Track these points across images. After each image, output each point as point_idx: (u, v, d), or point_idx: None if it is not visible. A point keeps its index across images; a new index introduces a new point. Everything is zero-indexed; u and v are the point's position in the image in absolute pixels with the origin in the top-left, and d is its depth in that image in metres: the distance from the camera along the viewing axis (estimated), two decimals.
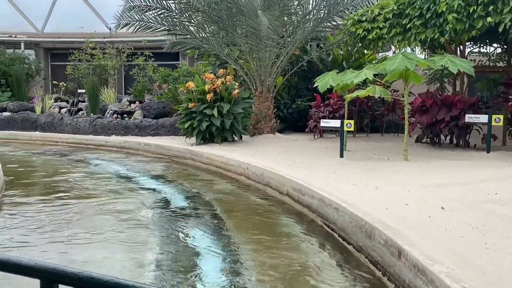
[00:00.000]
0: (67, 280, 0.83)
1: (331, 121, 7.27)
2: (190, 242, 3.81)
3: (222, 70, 10.18)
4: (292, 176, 5.31)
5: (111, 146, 10.66)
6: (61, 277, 0.83)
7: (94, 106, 14.81)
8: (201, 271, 3.21)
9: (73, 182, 6.49)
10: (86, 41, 19.15)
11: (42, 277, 0.84)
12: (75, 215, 4.61)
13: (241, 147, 8.88)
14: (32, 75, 19.73)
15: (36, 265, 0.85)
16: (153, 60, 18.29)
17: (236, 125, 9.46)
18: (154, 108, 13.24)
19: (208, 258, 3.44)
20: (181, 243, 3.79)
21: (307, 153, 7.67)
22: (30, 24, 22.43)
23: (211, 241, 3.83)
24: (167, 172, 7.62)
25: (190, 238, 3.93)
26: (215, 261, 3.37)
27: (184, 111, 9.57)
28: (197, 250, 3.56)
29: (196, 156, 8.19)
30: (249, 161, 6.63)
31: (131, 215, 4.68)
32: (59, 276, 0.83)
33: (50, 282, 0.84)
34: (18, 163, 8.57)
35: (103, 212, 4.78)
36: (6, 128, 13.80)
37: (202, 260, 3.38)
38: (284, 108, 12.01)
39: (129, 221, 4.47)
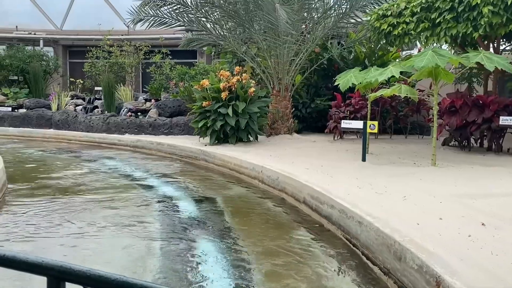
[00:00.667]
0: (75, 278, 0.81)
1: (353, 122, 6.78)
2: (195, 260, 3.40)
3: (238, 67, 9.77)
4: (310, 182, 4.86)
5: (124, 145, 10.37)
6: (68, 275, 0.81)
7: (109, 104, 14.61)
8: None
9: (76, 181, 6.17)
10: (104, 38, 19.01)
11: (49, 274, 0.82)
12: (73, 215, 4.27)
13: (257, 148, 8.46)
14: (50, 72, 19.70)
15: (43, 262, 0.83)
16: (170, 58, 18.03)
17: (251, 125, 9.04)
18: (169, 106, 12.94)
19: (213, 278, 3.02)
20: (185, 264, 3.38)
21: (326, 156, 7.19)
22: (50, 22, 22.44)
23: (218, 259, 3.42)
24: (178, 173, 7.25)
25: (195, 255, 3.52)
26: (219, 280, 2.96)
27: (198, 110, 9.20)
28: (202, 274, 3.15)
29: (209, 157, 7.80)
30: (264, 164, 6.20)
31: (133, 221, 4.31)
32: (66, 274, 0.81)
33: (57, 279, 0.82)
34: (24, 161, 8.33)
35: (102, 220, 4.41)
36: (21, 125, 13.69)
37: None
38: (302, 108, 11.54)
39: (131, 227, 4.10)
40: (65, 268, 0.82)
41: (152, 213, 4.71)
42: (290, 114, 10.45)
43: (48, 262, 0.83)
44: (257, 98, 9.37)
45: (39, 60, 18.89)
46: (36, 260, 0.84)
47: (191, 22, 10.25)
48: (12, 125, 13.65)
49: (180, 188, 6.06)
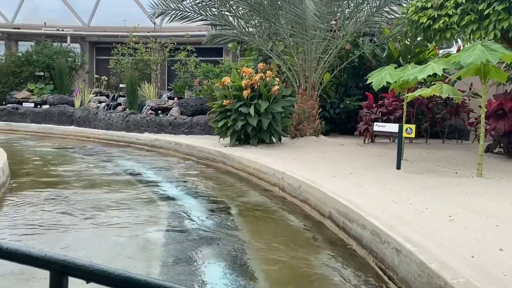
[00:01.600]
0: (78, 272, 0.79)
1: (387, 125, 6.07)
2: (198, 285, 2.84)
3: (261, 64, 9.18)
4: (337, 194, 4.21)
5: (142, 144, 9.95)
6: (71, 269, 0.79)
7: (132, 101, 14.30)
8: None
9: (83, 181, 5.72)
10: (130, 35, 18.78)
11: (51, 268, 0.80)
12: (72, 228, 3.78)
13: (279, 150, 7.84)
14: (75, 68, 19.63)
15: (45, 256, 0.81)
16: (195, 56, 17.63)
17: (274, 126, 8.43)
18: (192, 105, 12.49)
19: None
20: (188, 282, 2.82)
21: (356, 162, 6.51)
22: (77, 18, 22.44)
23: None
24: (193, 177, 6.71)
25: (199, 276, 2.96)
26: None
27: (219, 109, 8.66)
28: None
29: (227, 160, 7.24)
30: (285, 170, 5.58)
31: (137, 232, 3.78)
32: (69, 268, 0.79)
33: (60, 273, 0.80)
34: (33, 159, 7.98)
35: (101, 231, 3.91)
36: (43, 121, 13.52)
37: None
38: (330, 108, 10.84)
39: (132, 238, 3.57)
40: (68, 262, 0.80)
41: (159, 225, 4.17)
42: (317, 114, 9.78)
43: (51, 256, 0.81)
44: (282, 97, 8.75)
45: (65, 56, 18.82)
46: (39, 254, 0.82)
47: (214, 17, 9.72)
48: (34, 121, 13.49)
49: (192, 194, 5.52)
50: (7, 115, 13.66)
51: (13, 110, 13.71)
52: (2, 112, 13.68)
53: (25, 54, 18.55)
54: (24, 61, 18.25)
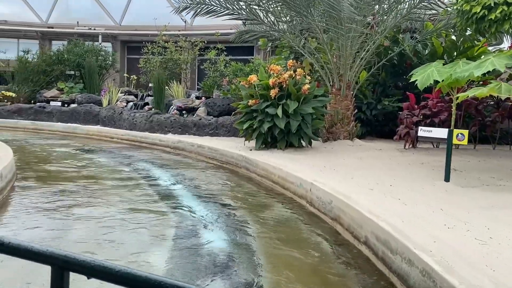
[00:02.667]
0: (79, 268, 0.79)
1: (434, 130, 5.24)
2: None
3: (291, 61, 8.47)
4: (375, 214, 3.47)
5: (165, 145, 9.44)
6: (72, 265, 0.80)
7: (159, 101, 13.88)
8: None
9: (92, 194, 5.20)
10: (160, 34, 18.46)
11: (53, 264, 0.81)
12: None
13: (309, 156, 7.11)
14: (106, 67, 19.49)
15: (47, 251, 0.81)
16: (225, 54, 17.09)
17: (304, 128, 7.71)
18: (219, 105, 11.92)
19: None
20: None
21: (396, 171, 5.71)
22: (109, 17, 22.39)
23: None
24: (212, 184, 6.08)
25: None
26: None
27: (244, 109, 8.02)
28: None
29: (251, 165, 6.58)
30: (314, 179, 4.86)
31: (140, 250, 3.18)
32: (70, 264, 0.80)
33: (61, 269, 0.80)
34: (43, 160, 7.58)
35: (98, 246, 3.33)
36: (69, 120, 13.29)
37: None
38: (366, 109, 9.99)
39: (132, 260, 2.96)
40: (69, 258, 0.80)
41: (167, 240, 3.56)
42: (352, 116, 8.97)
43: (53, 252, 0.81)
44: (313, 97, 8.01)
45: (96, 55, 18.69)
46: (41, 249, 0.82)
47: (241, 10, 9.07)
48: (61, 120, 13.29)
49: (209, 204, 4.89)
50: (34, 114, 13.53)
51: (40, 109, 13.56)
52: (30, 111, 13.55)
53: (56, 53, 18.56)
54: (55, 60, 18.25)
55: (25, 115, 13.52)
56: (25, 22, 22.13)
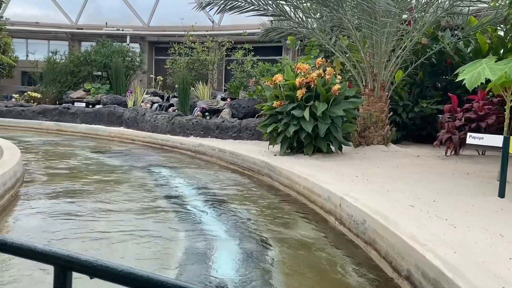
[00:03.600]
0: (82, 268, 0.79)
1: (486, 137, 4.50)
2: None
3: (320, 59, 7.83)
4: (420, 242, 2.81)
5: (185, 149, 8.97)
6: (75, 265, 0.80)
7: (183, 102, 13.51)
8: None
9: (101, 209, 4.74)
10: (187, 34, 18.13)
11: (56, 263, 0.81)
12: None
13: (339, 163, 6.45)
14: (133, 68, 19.33)
15: (50, 251, 0.81)
16: (252, 55, 16.57)
17: (334, 132, 7.05)
18: (244, 106, 11.39)
19: None
20: None
21: (439, 183, 4.99)
22: (137, 17, 22.30)
23: None
24: (230, 194, 5.51)
25: None
26: None
27: (268, 111, 7.44)
28: None
29: (274, 173, 5.99)
30: (345, 193, 4.22)
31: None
32: (73, 264, 0.80)
33: (64, 269, 0.81)
34: (60, 166, 7.22)
35: None
36: (93, 121, 13.07)
37: None
38: (402, 112, 9.22)
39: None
40: (72, 258, 0.80)
41: (175, 260, 3.02)
42: (387, 119, 8.24)
43: (56, 251, 0.81)
44: (344, 98, 7.35)
45: (123, 56, 18.54)
46: (44, 249, 0.82)
47: (267, 6, 8.49)
48: (84, 121, 13.08)
49: (223, 218, 4.33)
50: (59, 114, 13.38)
51: (64, 110, 13.40)
52: (54, 112, 13.41)
53: (84, 54, 18.51)
54: (82, 60, 18.20)
55: (49, 116, 13.39)
56: (56, 23, 22.32)
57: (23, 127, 12.71)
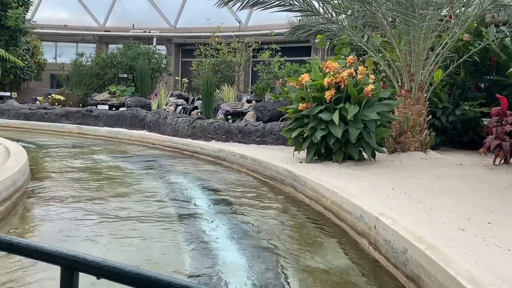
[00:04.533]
0: (88, 268, 0.79)
1: None
2: None
3: (351, 57, 7.15)
4: (482, 285, 2.15)
5: (206, 154, 8.46)
6: (81, 265, 0.80)
7: (207, 105, 13.04)
8: None
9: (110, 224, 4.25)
10: (212, 35, 17.73)
11: (62, 264, 0.81)
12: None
13: (372, 173, 5.77)
14: (159, 70, 19.08)
15: (56, 251, 0.81)
16: (280, 55, 15.98)
17: (366, 138, 6.37)
18: (269, 109, 10.81)
19: None
20: None
21: (491, 199, 4.25)
22: (164, 19, 22.10)
23: None
24: (248, 206, 4.92)
25: None
26: None
27: (294, 115, 6.83)
28: None
29: (298, 184, 5.36)
30: (380, 212, 3.56)
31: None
32: (79, 264, 0.80)
33: (71, 269, 0.80)
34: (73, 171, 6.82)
35: None
36: (116, 124, 12.77)
37: None
38: (442, 115, 8.42)
39: None
40: (78, 258, 0.80)
41: None
42: (425, 123, 7.48)
43: (62, 252, 0.81)
44: (377, 100, 6.66)
45: (148, 58, 18.30)
46: (50, 249, 0.82)
47: (293, 1, 7.89)
48: (107, 124, 12.80)
49: (235, 236, 3.74)
50: (81, 117, 13.16)
51: (87, 113, 13.17)
52: (77, 115, 13.20)
53: (110, 56, 18.39)
54: (108, 63, 18.08)
55: (72, 118, 13.18)
56: (84, 26, 22.39)
57: (45, 130, 12.54)
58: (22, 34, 16.35)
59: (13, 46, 16.35)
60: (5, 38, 15.93)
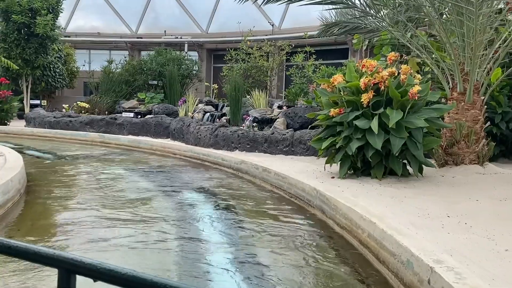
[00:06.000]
0: (85, 271, 0.80)
1: None
2: None
3: (392, 53, 6.11)
4: None
5: (227, 166, 7.60)
6: (79, 268, 0.80)
7: (234, 111, 12.26)
8: None
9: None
10: (244, 39, 16.99)
11: (60, 266, 0.82)
12: None
13: (419, 192, 4.71)
14: (189, 76, 18.53)
15: (54, 254, 0.82)
16: (314, 58, 15.01)
17: (412, 149, 5.31)
18: (300, 115, 9.88)
19: None
20: None
21: None
22: (196, 24, 21.59)
23: None
24: (266, 234, 3.99)
25: None
26: None
27: (324, 122, 5.86)
28: None
29: (328, 207, 4.38)
30: (436, 257, 2.55)
31: None
32: (77, 267, 0.81)
33: (68, 272, 0.81)
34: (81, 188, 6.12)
35: None
36: (140, 133, 12.18)
37: None
38: (501, 121, 7.21)
39: None
40: (75, 261, 0.81)
41: None
42: (482, 131, 6.31)
43: (60, 255, 0.82)
44: (425, 104, 5.59)
45: (179, 64, 17.77)
46: (48, 252, 0.83)
47: None
48: (131, 132, 12.23)
49: (254, 274, 2.84)
50: (106, 125, 12.66)
51: (111, 121, 12.66)
52: (101, 123, 12.72)
53: (140, 62, 18.01)
54: (138, 69, 17.69)
55: (96, 126, 12.71)
56: (116, 33, 22.24)
57: (68, 139, 12.10)
58: (51, 41, 16.16)
59: (42, 54, 16.19)
60: (34, 46, 15.78)
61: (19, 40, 15.50)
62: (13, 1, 14.83)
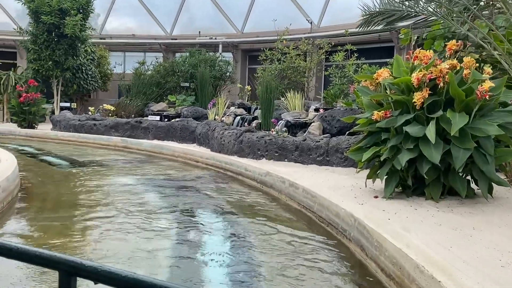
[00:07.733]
0: (86, 273, 0.81)
1: None
2: None
3: (453, 42, 4.88)
4: None
5: (251, 178, 6.58)
6: (79, 270, 0.81)
7: (265, 114, 11.27)
8: None
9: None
10: (279, 38, 15.97)
11: (60, 269, 0.82)
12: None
13: (491, 221, 3.50)
14: (222, 78, 17.70)
15: (55, 257, 0.83)
16: (356, 57, 13.77)
17: (480, 163, 4.09)
18: (338, 119, 8.72)
19: None
20: None
21: None
22: (231, 24, 20.77)
23: None
24: (282, 281, 2.95)
25: None
26: None
27: (366, 127, 4.73)
28: None
29: (368, 243, 3.25)
30: None
31: None
32: (77, 269, 0.81)
33: (68, 274, 0.82)
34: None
35: None
36: (165, 137, 11.40)
37: None
38: None
39: None
40: (76, 264, 0.81)
41: None
42: None
43: (60, 257, 0.82)
44: (497, 106, 4.35)
45: (211, 65, 16.97)
46: (49, 254, 0.83)
47: None
48: (157, 136, 11.49)
49: None
50: (131, 129, 11.97)
51: (136, 124, 11.96)
52: (126, 126, 12.04)
53: (171, 64, 17.37)
54: (170, 71, 17.05)
55: (121, 130, 12.06)
56: (151, 35, 21.78)
57: (91, 143, 11.49)
58: (81, 42, 15.76)
59: (72, 56, 15.82)
60: (64, 47, 15.41)
61: (49, 42, 15.17)
62: (43, 2, 14.50)
